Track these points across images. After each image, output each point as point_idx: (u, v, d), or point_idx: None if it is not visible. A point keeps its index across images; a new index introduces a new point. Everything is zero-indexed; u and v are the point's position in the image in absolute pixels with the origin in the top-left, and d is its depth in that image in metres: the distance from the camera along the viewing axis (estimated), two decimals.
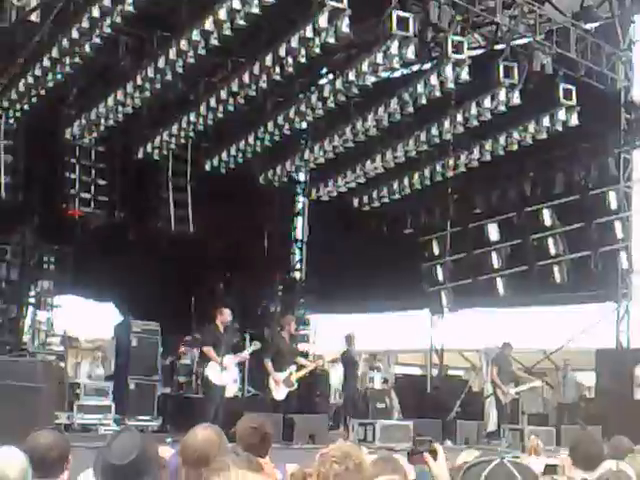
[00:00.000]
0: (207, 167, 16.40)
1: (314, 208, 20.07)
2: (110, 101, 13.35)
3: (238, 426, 4.87)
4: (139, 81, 12.69)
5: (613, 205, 15.47)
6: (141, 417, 12.74)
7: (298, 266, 20.88)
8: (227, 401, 11.63)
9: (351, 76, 12.61)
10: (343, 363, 14.67)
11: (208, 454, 3.74)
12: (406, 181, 16.58)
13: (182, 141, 15.20)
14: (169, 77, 12.45)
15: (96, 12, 10.98)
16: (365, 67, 12.28)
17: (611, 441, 5.80)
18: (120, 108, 13.43)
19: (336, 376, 19.46)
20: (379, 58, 11.88)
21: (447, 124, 14.13)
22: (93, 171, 15.89)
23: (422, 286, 17.87)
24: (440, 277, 17.66)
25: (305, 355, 16.81)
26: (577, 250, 15.74)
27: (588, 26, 12.67)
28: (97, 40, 11.43)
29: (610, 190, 15.47)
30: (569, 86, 13.12)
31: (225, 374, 11.54)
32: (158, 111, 14.76)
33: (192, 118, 14.17)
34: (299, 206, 20.72)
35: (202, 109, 13.86)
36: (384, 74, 13.26)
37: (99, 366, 14.67)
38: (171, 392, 14.09)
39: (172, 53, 11.88)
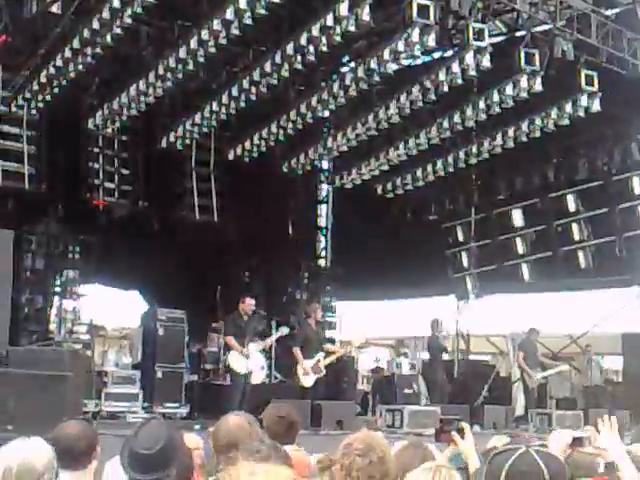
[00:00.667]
0: (230, 156, 16.48)
1: (338, 196, 20.13)
2: (132, 91, 13.46)
3: (265, 415, 4.94)
4: (161, 71, 12.79)
5: (637, 190, 15.44)
6: (169, 404, 12.93)
7: (323, 253, 20.95)
8: (254, 388, 11.75)
9: (372, 64, 12.60)
10: (429, 349, 14.74)
11: (238, 440, 3.81)
12: (429, 168, 16.59)
13: (205, 130, 15.28)
14: (191, 67, 12.53)
15: (117, 2, 11.08)
16: (386, 55, 12.26)
17: (635, 428, 5.85)
18: (142, 98, 13.53)
19: (364, 362, 19.60)
20: (400, 46, 11.88)
21: (469, 111, 14.11)
22: (116, 160, 16.06)
23: (447, 272, 17.91)
24: (465, 263, 17.73)
25: (332, 341, 16.95)
26: (601, 235, 15.73)
27: (609, 12, 12.58)
28: (118, 30, 11.53)
29: (633, 175, 15.43)
30: (591, 72, 13.05)
31: (249, 361, 11.68)
32: (181, 100, 14.87)
33: (214, 107, 14.23)
34: (323, 194, 20.76)
35: (224, 98, 13.91)
36: (405, 62, 13.26)
37: (126, 354, 14.86)
38: (198, 379, 14.24)
39: (193, 43, 11.96)
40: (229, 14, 11.21)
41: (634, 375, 15.03)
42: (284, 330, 12.78)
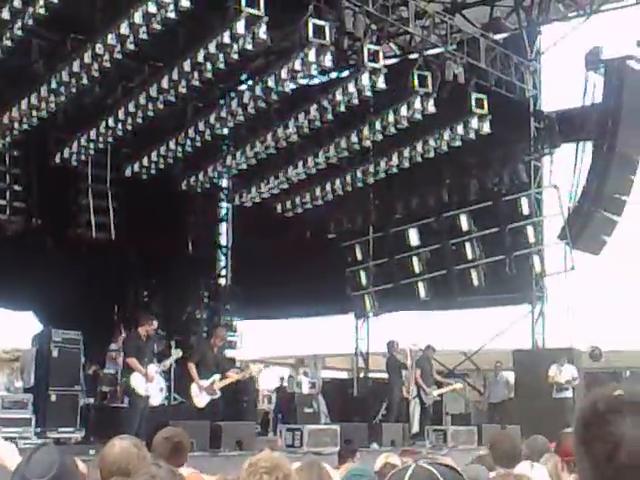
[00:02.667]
0: (128, 173, 16.06)
1: (238, 214, 19.92)
2: (23, 105, 12.95)
3: (154, 437, 4.87)
4: (54, 85, 12.35)
5: (525, 210, 15.79)
6: (63, 429, 12.34)
7: (223, 272, 20.72)
8: (153, 410, 11.40)
9: (270, 82, 12.56)
10: (387, 370, 14.55)
11: (127, 466, 3.64)
12: (328, 187, 16.59)
13: (101, 146, 14.85)
14: (85, 81, 12.15)
15: (6, 14, 10.64)
16: (284, 74, 12.23)
17: (527, 441, 5.88)
18: (34, 112, 13.04)
19: (265, 382, 19.36)
20: (297, 65, 11.86)
21: (366, 131, 14.20)
22: (8, 176, 15.41)
23: (346, 291, 17.89)
24: (363, 281, 17.72)
25: (232, 361, 16.67)
26: (493, 254, 15.99)
27: (497, 37, 12.90)
28: (8, 43, 11.07)
29: (521, 196, 15.78)
30: (481, 95, 13.34)
31: (150, 384, 11.33)
32: (75, 116, 14.38)
33: (110, 123, 13.87)
34: (223, 212, 20.55)
35: (120, 114, 13.58)
36: (303, 81, 13.23)
37: (18, 378, 14.20)
38: (94, 402, 13.73)
39: (87, 57, 11.60)
40: (124, 28, 10.93)
41: (525, 390, 15.29)
42: (178, 353, 12.46)
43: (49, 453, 3.23)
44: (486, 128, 13.62)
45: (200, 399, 11.75)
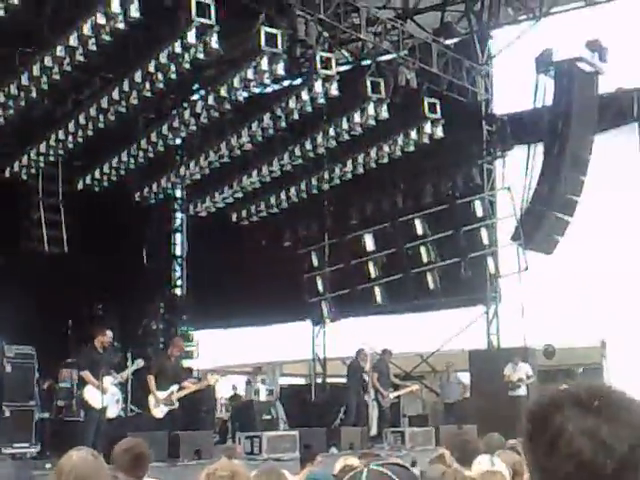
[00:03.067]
0: (80, 185, 15.90)
1: (193, 224, 19.80)
2: None
3: (114, 449, 4.78)
4: (2, 99, 12.14)
5: (479, 213, 15.95)
6: (18, 444, 12.12)
7: (179, 283, 20.58)
8: (109, 422, 11.29)
9: (223, 92, 12.53)
10: (347, 374, 14.51)
11: (85, 476, 3.58)
12: (283, 195, 16.59)
13: (52, 159, 14.64)
14: (34, 94, 11.97)
15: None
16: (236, 83, 12.21)
17: (484, 438, 6.02)
18: None
19: (221, 390, 19.26)
20: (250, 74, 11.85)
21: (320, 138, 14.25)
22: None
23: (303, 297, 17.88)
24: (320, 288, 17.73)
25: (190, 371, 16.53)
26: (448, 257, 16.12)
27: (449, 42, 13.02)
28: None
29: (475, 199, 15.95)
30: (433, 100, 13.44)
31: (105, 396, 11.22)
32: (24, 129, 14.17)
33: (61, 136, 13.70)
34: (177, 222, 20.41)
35: (71, 126, 13.42)
36: (256, 89, 13.20)
37: None
38: (50, 417, 13.53)
39: (36, 70, 11.42)
40: (73, 40, 10.79)
41: (480, 390, 15.45)
42: (140, 362, 12.34)
43: (5, 469, 3.19)
44: (439, 132, 13.73)
45: (158, 410, 11.68)
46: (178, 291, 20.38)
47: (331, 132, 13.94)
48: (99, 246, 16.62)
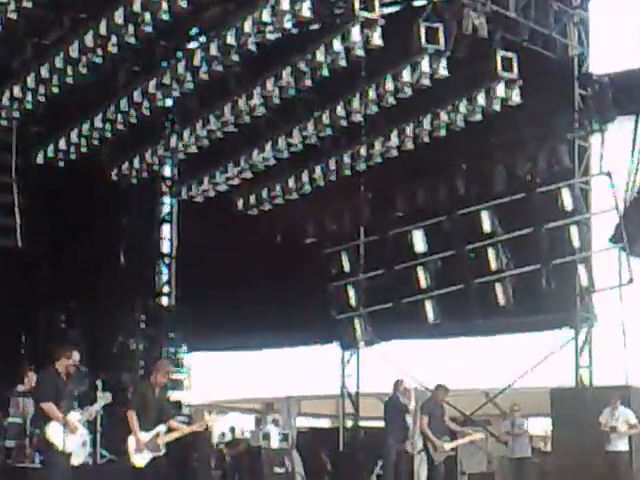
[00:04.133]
0: (39, 159, 16.09)
1: (185, 212, 19.96)
2: None
3: None
4: None
5: (567, 206, 15.90)
6: None
7: (166, 289, 20.77)
8: (74, 471, 11.43)
9: (229, 39, 12.58)
10: (385, 415, 14.59)
11: None
12: (305, 176, 16.65)
13: (4, 124, 14.85)
14: None
15: None
16: (247, 27, 12.29)
17: None
18: None
19: (220, 433, 19.40)
20: (265, 15, 11.92)
21: (356, 102, 14.27)
22: None
23: (330, 312, 17.97)
24: (353, 300, 17.81)
25: (179, 406, 16.68)
26: (524, 263, 16.11)
27: None
28: None
29: (563, 187, 15.92)
30: (509, 54, 13.44)
31: (71, 436, 11.35)
32: None
33: (16, 92, 13.89)
34: (165, 210, 20.60)
35: (30, 81, 13.60)
36: (272, 36, 13.28)
37: None
38: None
39: None
40: None
41: (566, 442, 15.40)
42: (107, 397, 12.45)
43: None
44: (516, 97, 13.73)
45: (140, 457, 11.77)
46: (164, 300, 20.59)
47: (371, 94, 13.98)
48: (63, 240, 16.84)
